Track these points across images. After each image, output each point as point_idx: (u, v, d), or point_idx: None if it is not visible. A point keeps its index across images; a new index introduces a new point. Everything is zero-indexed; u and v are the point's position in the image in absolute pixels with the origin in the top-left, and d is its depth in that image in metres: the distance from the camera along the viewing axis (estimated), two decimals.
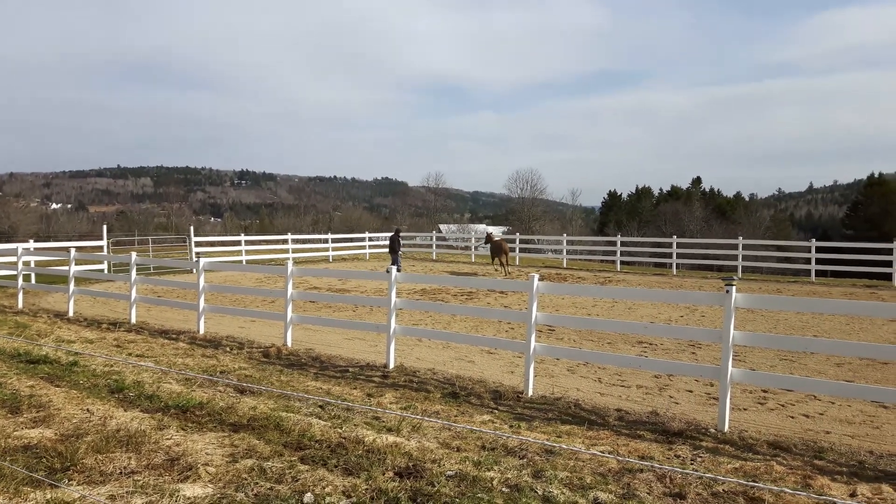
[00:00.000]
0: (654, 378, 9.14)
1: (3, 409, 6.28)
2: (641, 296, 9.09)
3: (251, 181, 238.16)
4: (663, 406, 7.80)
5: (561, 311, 15.52)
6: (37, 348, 9.46)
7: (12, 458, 4.84)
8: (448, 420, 6.74)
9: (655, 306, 16.26)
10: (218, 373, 8.72)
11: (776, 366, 10.03)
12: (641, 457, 5.82)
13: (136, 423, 5.68)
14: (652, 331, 8.33)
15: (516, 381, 8.82)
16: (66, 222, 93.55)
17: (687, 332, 9.25)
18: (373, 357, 10.29)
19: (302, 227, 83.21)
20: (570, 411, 7.42)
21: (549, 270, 27.52)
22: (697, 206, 70.97)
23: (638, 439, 6.44)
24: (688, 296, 10.05)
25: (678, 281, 24.16)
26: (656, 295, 9.07)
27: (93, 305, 16.36)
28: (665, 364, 8.27)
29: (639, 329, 8.75)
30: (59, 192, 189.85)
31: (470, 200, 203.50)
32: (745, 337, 7.29)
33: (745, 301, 7.26)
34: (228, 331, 12.65)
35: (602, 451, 5.85)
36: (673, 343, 11.54)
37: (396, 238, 26.51)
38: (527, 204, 72.46)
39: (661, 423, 6.95)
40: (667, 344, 11.49)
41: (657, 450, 6.09)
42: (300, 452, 5.12)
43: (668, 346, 11.40)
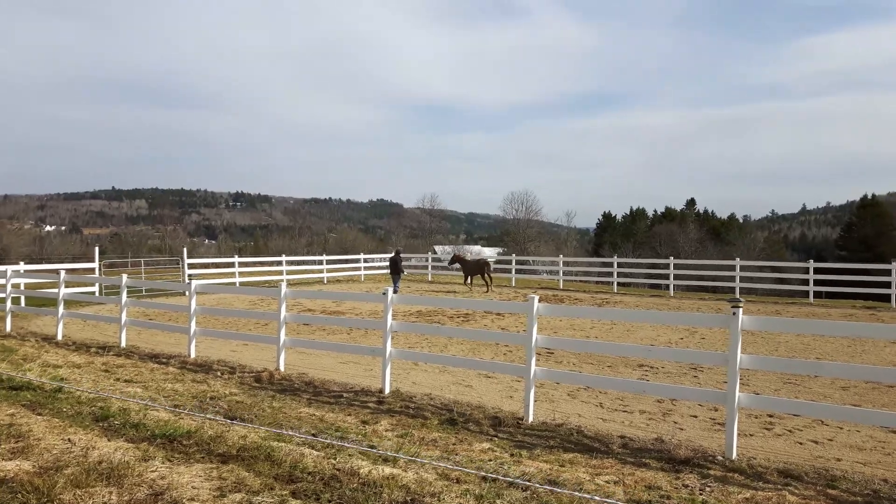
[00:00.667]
0: (657, 403, 8.90)
1: None
2: (644, 318, 8.88)
3: (246, 203, 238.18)
4: (668, 432, 7.57)
5: (559, 333, 15.29)
6: (20, 374, 9.16)
7: None
8: (446, 448, 6.48)
9: (654, 328, 16.05)
10: (208, 399, 8.45)
11: (780, 389, 9.82)
12: (648, 487, 5.59)
13: (120, 454, 5.40)
14: (656, 354, 8.11)
15: (516, 406, 8.57)
16: (60, 244, 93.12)
17: (692, 356, 9.01)
18: (368, 382, 10.02)
19: (297, 248, 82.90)
20: (572, 438, 7.17)
21: (546, 292, 27.31)
22: (692, 228, 71.05)
23: (644, 468, 6.20)
24: (692, 318, 9.84)
25: (676, 302, 23.99)
26: (660, 317, 8.83)
27: (83, 329, 16.06)
28: (670, 389, 8.04)
29: (642, 352, 8.53)
30: (53, 215, 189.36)
31: (465, 222, 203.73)
32: (752, 360, 7.09)
33: (752, 323, 7.06)
34: (220, 354, 12.37)
35: (608, 481, 5.62)
36: (674, 366, 11.32)
37: (397, 259, 26.27)
38: (522, 225, 72.36)
39: (667, 451, 6.71)
40: (668, 367, 11.27)
41: (664, 479, 5.85)
42: (292, 486, 4.85)
43: (669, 369, 11.18)
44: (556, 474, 5.59)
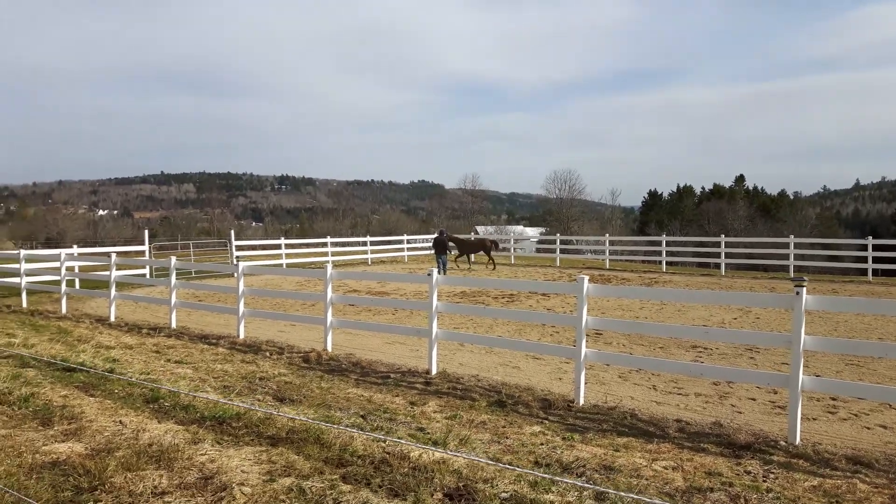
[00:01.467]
0: (713, 385, 8.61)
1: (35, 420, 6.09)
2: (700, 298, 8.57)
3: (291, 186, 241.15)
4: (726, 416, 7.30)
5: (607, 313, 14.99)
6: (74, 355, 9.33)
7: (39, 475, 4.60)
8: (496, 431, 6.35)
9: (707, 308, 15.62)
10: (257, 379, 8.49)
11: (842, 371, 9.42)
12: (709, 473, 5.37)
13: (170, 436, 5.42)
14: (714, 336, 7.82)
15: (565, 388, 8.38)
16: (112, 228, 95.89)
17: (751, 338, 8.68)
18: (414, 362, 9.96)
19: (341, 230, 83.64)
20: (626, 422, 6.96)
21: (592, 271, 26.89)
22: (741, 205, 69.23)
23: (702, 453, 5.97)
24: (751, 298, 9.41)
25: (727, 281, 23.36)
26: (717, 297, 8.52)
27: (134, 310, 16.39)
28: (728, 371, 7.74)
29: (698, 334, 8.24)
30: (105, 199, 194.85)
31: (507, 202, 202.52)
32: (815, 342, 6.76)
33: (816, 303, 6.73)
34: (268, 335, 12.47)
35: (665, 466, 5.41)
36: (729, 347, 10.96)
37: (443, 239, 26.17)
38: (565, 204, 71.57)
39: (726, 435, 6.46)
40: (723, 348, 10.92)
41: (724, 465, 5.61)
42: (342, 469, 4.78)
43: (724, 350, 10.83)
44: (612, 459, 5.41)
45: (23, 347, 9.90)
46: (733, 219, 63.55)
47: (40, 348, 9.88)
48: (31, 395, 6.92)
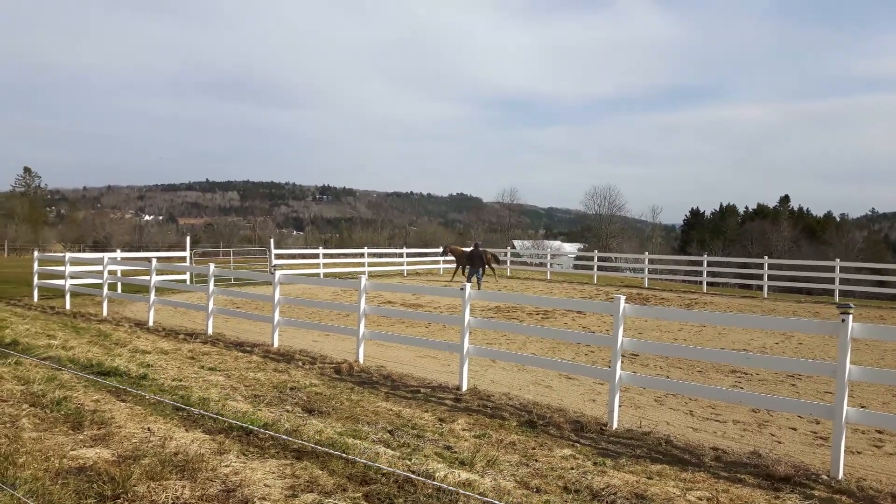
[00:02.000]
0: (752, 413, 8.32)
1: (66, 424, 6.16)
2: (741, 322, 8.31)
3: (332, 196, 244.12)
4: (765, 446, 7.04)
5: (645, 334, 14.69)
6: (109, 359, 9.46)
7: (64, 481, 4.62)
8: (525, 453, 6.21)
9: (748, 332, 15.20)
10: (288, 389, 8.49)
11: (889, 403, 9.03)
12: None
13: (196, 445, 5.41)
14: (755, 362, 7.56)
15: (599, 410, 8.19)
16: (157, 233, 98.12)
17: (793, 364, 8.35)
18: (445, 377, 9.87)
19: (379, 241, 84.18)
20: (660, 448, 6.76)
21: (630, 290, 26.49)
22: (786, 226, 67.76)
23: (739, 484, 5.74)
24: (795, 323, 9.11)
25: (770, 304, 22.75)
26: (758, 322, 8.24)
27: (173, 315, 16.65)
28: (769, 399, 7.44)
29: (738, 359, 7.96)
30: (151, 205, 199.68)
31: (545, 216, 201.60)
32: (862, 372, 6.48)
33: (863, 331, 6.45)
34: (302, 344, 12.52)
35: (700, 497, 5.21)
36: (769, 373, 10.62)
37: (477, 252, 26.07)
38: (604, 220, 70.81)
39: (765, 466, 6.21)
40: (763, 374, 10.59)
41: (762, 498, 5.39)
42: (365, 488, 4.71)
43: (764, 376, 10.49)
44: (644, 487, 5.23)
45: (61, 349, 10.09)
46: (777, 240, 62.23)
47: (78, 351, 10.06)
48: (65, 398, 7.01)
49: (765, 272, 25.77)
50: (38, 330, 12.49)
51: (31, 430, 5.88)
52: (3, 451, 5.23)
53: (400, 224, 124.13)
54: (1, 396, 7.11)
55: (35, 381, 7.80)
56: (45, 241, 72.02)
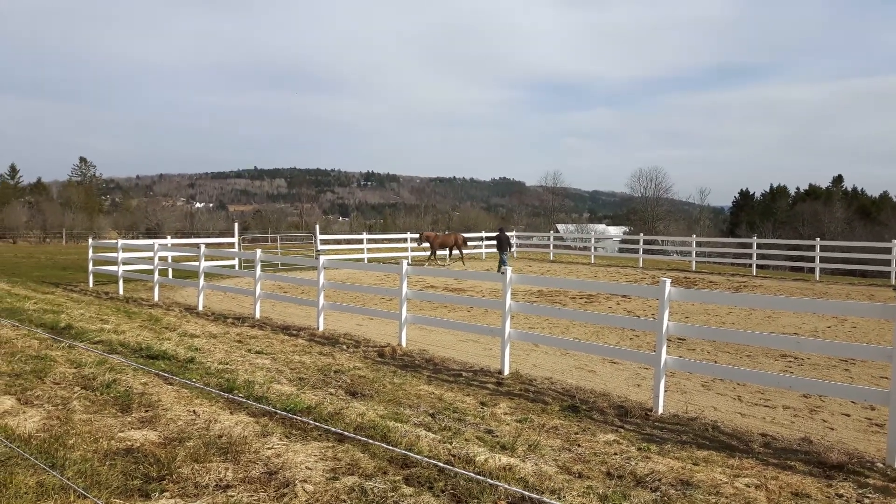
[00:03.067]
0: (804, 398, 8.09)
1: (115, 407, 6.33)
2: (793, 305, 8.05)
3: (376, 182, 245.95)
4: (817, 432, 6.83)
5: (691, 318, 14.41)
6: (159, 343, 9.70)
7: (112, 462, 4.75)
8: (568, 438, 6.15)
9: (799, 315, 14.78)
10: (332, 372, 8.58)
11: None
12: (795, 494, 5.01)
13: (240, 428, 5.50)
14: (805, 346, 7.32)
15: (643, 395, 8.07)
16: (207, 220, 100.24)
17: (846, 349, 8.08)
18: (487, 361, 9.84)
19: (423, 226, 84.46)
20: (707, 434, 6.61)
21: (677, 274, 26.00)
22: (839, 207, 65.57)
23: (789, 471, 5.58)
24: (848, 307, 8.75)
25: (822, 287, 22.07)
26: (811, 304, 7.93)
27: (222, 300, 16.99)
28: (821, 385, 7.19)
29: (789, 343, 7.72)
30: (202, 192, 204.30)
31: (589, 200, 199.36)
32: None
33: None
34: (346, 328, 12.65)
35: (748, 484, 5.08)
36: (821, 358, 10.31)
37: (503, 237, 25.94)
38: (650, 203, 69.55)
39: (816, 454, 6.03)
40: (815, 359, 10.28)
41: (813, 486, 5.22)
42: (405, 471, 4.72)
43: (816, 360, 10.19)
44: (690, 474, 5.12)
45: (113, 334, 10.39)
46: (830, 221, 60.33)
47: (129, 335, 10.34)
48: (114, 381, 7.21)
49: (817, 254, 25.00)
50: (91, 314, 12.88)
51: (82, 413, 6.06)
52: (54, 433, 5.41)
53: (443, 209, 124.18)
54: (54, 379, 7.36)
55: (86, 365, 8.05)
56: (100, 228, 74.27)
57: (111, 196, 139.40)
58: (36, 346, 9.18)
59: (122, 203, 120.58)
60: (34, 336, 10.02)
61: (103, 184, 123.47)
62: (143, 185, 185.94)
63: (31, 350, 8.91)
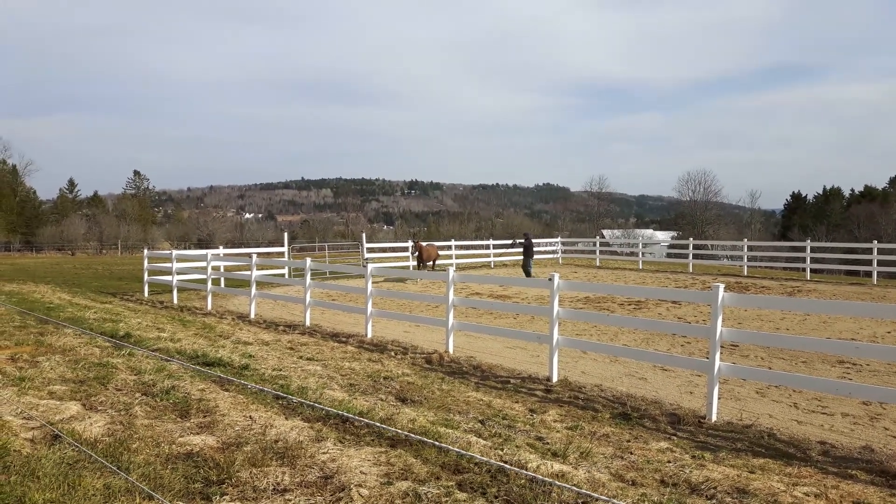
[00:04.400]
0: (863, 405, 7.86)
1: (175, 412, 6.54)
2: (850, 310, 7.87)
3: (420, 191, 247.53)
4: (878, 440, 6.64)
5: (744, 324, 14.11)
6: (214, 350, 9.96)
7: (173, 466, 4.90)
8: (620, 445, 6.11)
9: (856, 321, 14.34)
10: (381, 378, 8.69)
11: None
12: (856, 503, 4.88)
13: (295, 433, 5.63)
14: (864, 352, 7.12)
15: (696, 403, 7.95)
16: (257, 230, 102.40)
17: None
18: (535, 368, 9.83)
19: (466, 233, 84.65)
20: (762, 442, 6.49)
21: (728, 279, 25.48)
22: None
23: (850, 480, 5.44)
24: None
25: (880, 291, 21.36)
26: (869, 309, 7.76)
27: (273, 308, 17.33)
28: (882, 391, 6.97)
29: (847, 349, 7.53)
30: (251, 203, 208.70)
31: (635, 204, 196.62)
32: None
33: None
34: (394, 335, 12.77)
35: (807, 493, 4.97)
36: (881, 364, 9.99)
37: (529, 243, 25.94)
38: (699, 207, 68.38)
39: (878, 462, 5.86)
40: (874, 365, 9.96)
41: (875, 495, 5.08)
42: (458, 476, 4.76)
43: (875, 367, 9.88)
44: (746, 482, 5.03)
45: (169, 342, 10.71)
46: (887, 223, 58.27)
47: (185, 343, 10.64)
48: (173, 387, 7.44)
49: (874, 257, 24.21)
50: (148, 323, 13.30)
51: (143, 418, 6.28)
52: (118, 437, 5.62)
53: (486, 216, 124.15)
54: (116, 385, 7.63)
55: (146, 372, 8.33)
56: (154, 239, 76.56)
57: (164, 208, 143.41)
58: (98, 354, 9.53)
59: (174, 214, 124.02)
60: (95, 344, 10.40)
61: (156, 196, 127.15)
62: (195, 197, 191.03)
63: (93, 357, 9.25)
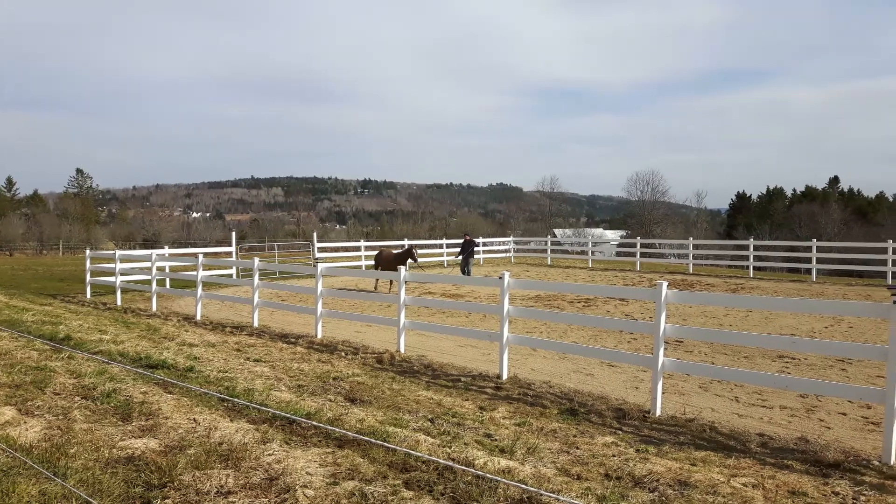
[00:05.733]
0: (800, 398, 8.14)
1: (116, 416, 6.36)
2: (787, 306, 8.10)
3: (373, 189, 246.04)
4: (813, 431, 6.88)
5: (689, 320, 14.46)
6: (158, 352, 9.73)
7: (113, 470, 4.78)
8: (566, 441, 6.19)
9: (796, 316, 14.84)
10: (331, 379, 8.61)
11: None
12: (792, 492, 5.05)
13: (240, 435, 5.53)
14: (801, 346, 7.37)
15: (642, 398, 8.11)
16: (205, 230, 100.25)
17: (842, 348, 8.14)
18: (485, 366, 9.88)
19: (419, 233, 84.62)
20: (704, 435, 6.66)
21: (674, 276, 26.08)
22: (835, 208, 65.84)
23: (786, 470, 5.62)
24: (843, 307, 8.84)
25: (818, 288, 22.15)
26: (806, 305, 8.04)
27: (220, 309, 17.00)
28: (818, 384, 7.26)
29: (785, 344, 7.78)
30: (198, 202, 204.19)
31: (586, 204, 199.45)
32: None
33: None
34: (344, 335, 12.67)
35: (745, 484, 5.12)
36: (818, 358, 10.36)
37: (470, 242, 26.38)
38: (647, 207, 69.69)
39: (813, 452, 6.08)
40: (812, 359, 10.33)
41: (810, 484, 5.27)
42: (405, 475, 4.75)
43: (813, 361, 10.24)
44: (687, 475, 5.16)
45: (112, 344, 10.41)
46: (827, 222, 60.53)
47: (128, 345, 10.36)
48: (114, 390, 7.24)
49: (813, 255, 25.08)
50: (90, 325, 12.90)
51: (83, 422, 6.09)
52: (56, 442, 5.44)
53: (440, 215, 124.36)
54: (54, 389, 7.39)
55: (86, 375, 8.08)
56: (97, 239, 74.24)
57: (108, 207, 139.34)
58: (35, 358, 9.21)
59: (118, 214, 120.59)
60: (33, 347, 10.04)
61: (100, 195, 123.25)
62: (140, 196, 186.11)
63: (30, 361, 8.94)
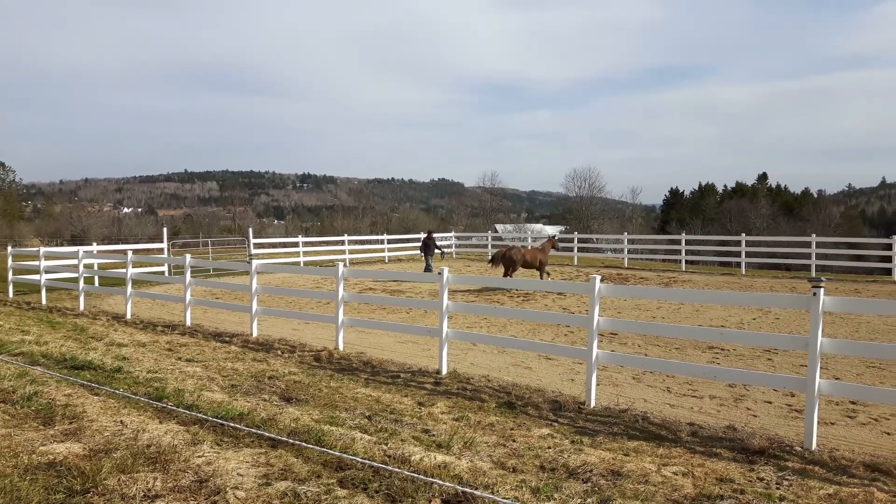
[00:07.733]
0: (729, 388, 8.42)
1: (37, 420, 6.08)
2: (716, 299, 8.37)
3: (312, 184, 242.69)
4: (741, 420, 7.12)
5: (623, 313, 14.79)
6: (84, 353, 9.35)
7: (33, 476, 4.55)
8: (504, 434, 6.23)
9: (725, 308, 15.36)
10: (266, 378, 8.44)
11: (863, 374, 9.17)
12: (720, 479, 5.20)
13: (170, 437, 5.36)
14: (728, 337, 7.62)
15: (577, 389, 8.24)
16: (136, 226, 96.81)
17: (767, 339, 8.46)
18: (425, 362, 9.87)
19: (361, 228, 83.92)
20: (637, 425, 6.81)
21: (610, 270, 26.64)
22: (764, 204, 68.54)
23: (714, 458, 5.80)
24: (768, 299, 9.20)
25: (747, 281, 22.99)
26: (733, 298, 8.31)
27: (151, 308, 16.48)
28: (744, 374, 7.51)
29: (713, 336, 8.04)
30: (130, 197, 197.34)
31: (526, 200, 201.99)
32: (834, 344, 6.55)
33: (834, 305, 6.53)
34: (282, 333, 12.45)
35: (675, 472, 5.25)
36: (747, 349, 10.75)
37: (429, 240, 26.17)
38: (585, 202, 71.08)
39: (740, 440, 6.29)
40: (740, 350, 10.70)
41: (737, 471, 5.45)
42: (340, 474, 4.69)
43: (741, 352, 10.61)
44: (620, 464, 5.26)
45: (35, 345, 9.94)
46: (755, 217, 62.91)
47: (52, 346, 9.92)
48: (35, 393, 6.91)
49: (743, 249, 26.02)
50: (11, 326, 12.30)
51: (1, 427, 5.79)
52: None
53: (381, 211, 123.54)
54: None
55: (5, 378, 7.68)
56: (21, 236, 70.81)
57: (33, 202, 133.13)
58: None
59: (44, 209, 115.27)
60: None
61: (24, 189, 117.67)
62: (68, 191, 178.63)
63: None
